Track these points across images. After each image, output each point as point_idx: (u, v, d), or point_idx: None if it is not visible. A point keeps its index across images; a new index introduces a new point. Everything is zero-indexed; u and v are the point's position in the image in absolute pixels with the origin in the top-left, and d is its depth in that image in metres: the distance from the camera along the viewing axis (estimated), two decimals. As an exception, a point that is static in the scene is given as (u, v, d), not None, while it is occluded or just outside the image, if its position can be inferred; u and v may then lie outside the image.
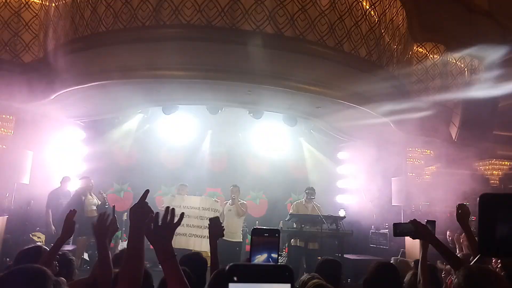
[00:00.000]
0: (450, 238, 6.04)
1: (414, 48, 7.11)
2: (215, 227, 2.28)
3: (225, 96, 6.17)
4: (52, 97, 6.03)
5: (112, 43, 5.42)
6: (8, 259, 5.64)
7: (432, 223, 2.26)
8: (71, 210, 2.26)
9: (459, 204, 2.36)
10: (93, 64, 5.58)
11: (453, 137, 7.90)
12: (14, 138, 6.87)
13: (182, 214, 1.47)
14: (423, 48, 7.18)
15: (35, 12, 6.35)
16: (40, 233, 6.38)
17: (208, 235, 2.31)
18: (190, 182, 6.93)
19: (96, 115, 7.34)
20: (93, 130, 7.63)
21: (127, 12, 5.25)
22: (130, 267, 1.39)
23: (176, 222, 1.42)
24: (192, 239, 5.70)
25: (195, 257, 2.87)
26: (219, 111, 6.56)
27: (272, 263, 1.18)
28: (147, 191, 1.47)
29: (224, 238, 5.56)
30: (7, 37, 6.20)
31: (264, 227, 1.31)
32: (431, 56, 7.19)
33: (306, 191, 6.52)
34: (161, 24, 5.22)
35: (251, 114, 6.73)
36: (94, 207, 6.53)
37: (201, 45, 5.17)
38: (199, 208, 6.01)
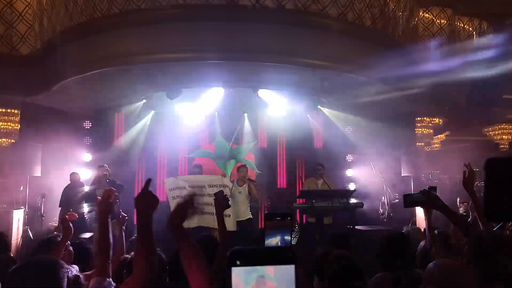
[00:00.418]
0: (461, 204, 6.01)
1: (420, 13, 6.85)
2: (221, 199, 2.25)
3: (230, 76, 6.08)
4: (53, 88, 6.01)
5: (108, 29, 5.33)
6: (28, 249, 5.81)
7: (434, 189, 2.25)
8: (64, 213, 2.28)
9: (464, 170, 2.31)
10: (92, 52, 5.50)
11: (462, 104, 7.73)
12: (21, 132, 6.94)
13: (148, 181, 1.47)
14: (429, 13, 6.92)
15: (27, 2, 6.24)
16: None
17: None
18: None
19: (99, 103, 7.33)
20: (98, 120, 7.65)
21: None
22: (142, 255, 1.41)
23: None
24: (205, 216, 5.74)
25: (206, 239, 2.90)
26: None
27: (283, 245, 1.21)
28: (149, 180, 1.46)
29: (236, 219, 5.66)
30: (2, 29, 6.13)
31: (277, 212, 1.34)
32: (437, 21, 6.94)
33: (315, 167, 6.52)
34: (157, 6, 5.11)
35: (257, 94, 6.63)
36: None
37: (199, 24, 5.06)
38: (206, 186, 5.98)
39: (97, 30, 5.36)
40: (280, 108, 7.33)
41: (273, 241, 1.26)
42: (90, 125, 7.68)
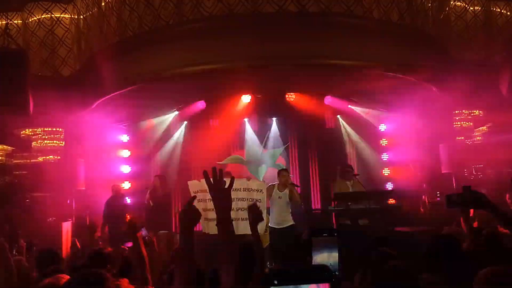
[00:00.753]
0: (510, 201, 5.64)
1: (451, 2, 6.56)
2: (255, 214, 2.21)
3: (259, 82, 6.15)
4: (93, 105, 6.36)
5: (141, 46, 5.58)
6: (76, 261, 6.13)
7: (467, 188, 2.12)
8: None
9: None
10: (127, 69, 5.77)
11: (504, 93, 7.26)
12: (66, 148, 7.39)
13: (232, 179, 1.61)
14: (461, 1, 6.59)
15: (66, 27, 6.68)
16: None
17: (246, 217, 2.31)
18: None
19: (135, 116, 7.65)
20: (135, 133, 7.98)
21: (150, 13, 5.36)
22: (182, 266, 1.47)
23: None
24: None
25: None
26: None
27: (329, 262, 1.21)
28: (194, 197, 1.57)
29: (276, 227, 5.63)
30: (46, 54, 6.61)
31: (323, 228, 1.33)
32: (471, 8, 6.59)
33: (344, 168, 6.39)
34: (184, 20, 5.27)
35: (284, 98, 6.64)
36: None
37: (226, 35, 5.17)
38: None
39: (130, 48, 5.63)
40: (309, 111, 7.27)
41: (320, 258, 1.25)
42: (128, 139, 8.03)
